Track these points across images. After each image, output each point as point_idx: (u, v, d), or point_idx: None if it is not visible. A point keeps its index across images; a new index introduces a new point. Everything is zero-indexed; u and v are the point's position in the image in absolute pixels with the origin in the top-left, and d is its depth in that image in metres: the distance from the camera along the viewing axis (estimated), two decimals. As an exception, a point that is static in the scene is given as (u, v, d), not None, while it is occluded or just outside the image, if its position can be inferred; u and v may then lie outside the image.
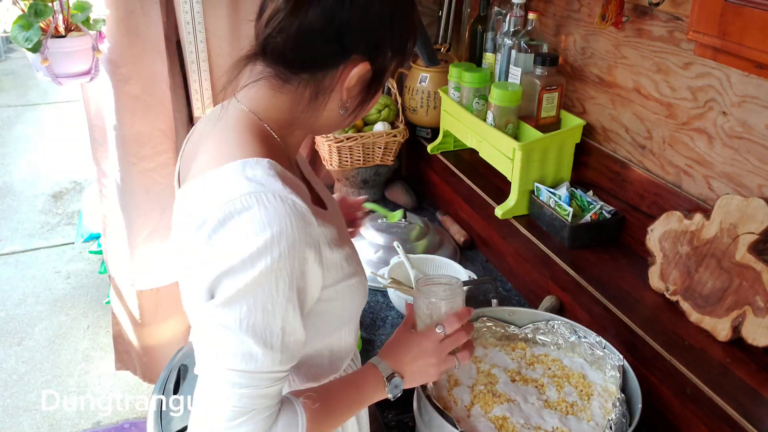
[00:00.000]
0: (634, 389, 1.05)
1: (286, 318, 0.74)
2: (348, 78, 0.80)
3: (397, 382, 0.89)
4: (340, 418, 0.88)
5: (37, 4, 1.48)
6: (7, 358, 2.70)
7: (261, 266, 0.70)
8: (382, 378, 0.89)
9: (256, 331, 0.72)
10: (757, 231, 1.03)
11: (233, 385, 0.74)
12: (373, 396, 0.90)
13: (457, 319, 0.92)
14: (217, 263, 0.72)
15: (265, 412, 0.76)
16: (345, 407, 0.87)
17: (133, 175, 1.85)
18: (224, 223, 0.71)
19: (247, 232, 0.70)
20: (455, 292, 0.95)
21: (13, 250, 3.48)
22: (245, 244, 0.70)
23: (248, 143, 0.79)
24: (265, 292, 0.72)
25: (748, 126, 1.10)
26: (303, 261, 0.74)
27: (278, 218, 0.71)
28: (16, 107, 5.42)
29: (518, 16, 1.55)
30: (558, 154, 1.48)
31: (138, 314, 2.08)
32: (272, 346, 0.74)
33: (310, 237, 0.74)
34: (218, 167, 0.76)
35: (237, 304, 0.72)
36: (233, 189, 0.72)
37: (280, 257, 0.71)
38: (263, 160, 0.76)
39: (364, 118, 1.95)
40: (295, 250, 0.72)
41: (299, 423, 0.79)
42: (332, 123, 0.87)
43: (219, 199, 0.72)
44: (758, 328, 1.03)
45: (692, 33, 0.79)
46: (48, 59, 1.54)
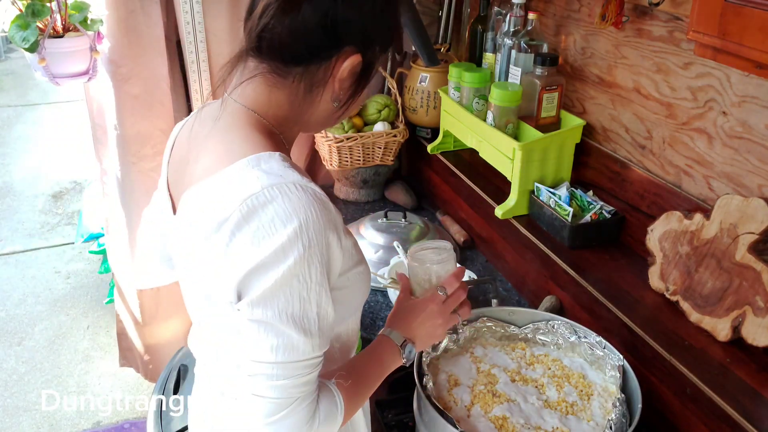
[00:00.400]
0: (634, 389, 1.05)
1: (320, 303, 0.75)
2: (340, 70, 0.81)
3: (410, 348, 0.94)
4: (368, 391, 0.91)
5: (34, 4, 1.48)
6: (7, 358, 2.70)
7: (294, 256, 0.71)
8: (396, 347, 0.93)
9: (296, 321, 0.73)
10: (757, 231, 1.03)
11: (270, 377, 0.74)
12: (392, 365, 0.93)
13: (455, 278, 0.98)
14: (245, 260, 0.72)
15: (307, 399, 0.77)
16: (372, 381, 0.90)
17: (133, 175, 1.86)
18: (248, 218, 0.71)
19: (274, 225, 0.71)
20: (448, 254, 1.00)
21: (13, 250, 3.48)
22: (274, 237, 0.71)
23: (255, 139, 0.79)
24: (300, 280, 0.73)
25: (748, 126, 1.10)
26: (328, 246, 0.75)
27: (303, 207, 0.72)
28: (16, 107, 5.42)
29: (518, 16, 1.55)
30: (558, 154, 1.48)
31: (139, 313, 2.09)
32: (311, 333, 0.75)
33: (332, 222, 0.76)
34: (230, 165, 0.76)
35: (274, 298, 0.72)
36: (252, 184, 0.72)
37: (310, 244, 0.72)
38: (275, 154, 0.77)
39: (364, 118, 1.95)
40: (322, 236, 0.74)
41: (338, 404, 0.82)
42: (326, 117, 0.88)
43: (238, 196, 0.72)
44: (758, 328, 1.03)
45: (692, 33, 0.79)
46: (45, 59, 1.54)
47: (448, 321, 0.97)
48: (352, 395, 0.85)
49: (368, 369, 0.90)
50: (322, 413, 0.79)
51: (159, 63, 1.75)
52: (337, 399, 0.82)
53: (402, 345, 0.93)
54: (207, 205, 0.76)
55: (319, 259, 0.74)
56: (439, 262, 0.99)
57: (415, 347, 0.95)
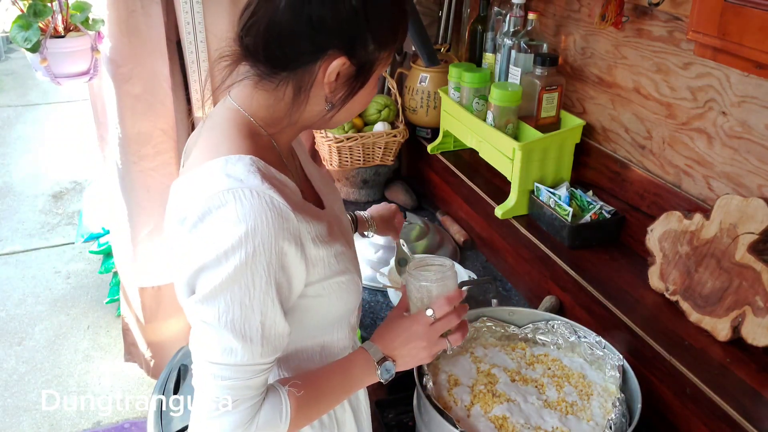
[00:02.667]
0: (633, 389, 1.05)
1: (266, 312, 0.75)
2: (327, 74, 0.79)
3: (389, 366, 0.90)
4: (327, 403, 0.89)
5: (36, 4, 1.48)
6: (7, 358, 2.70)
7: (235, 261, 0.72)
8: (372, 362, 0.89)
9: (234, 326, 0.74)
10: (756, 231, 1.03)
11: (215, 377, 0.76)
12: (363, 379, 0.90)
13: (446, 302, 0.91)
14: (195, 258, 0.74)
15: (246, 403, 0.78)
16: (332, 392, 0.88)
17: (134, 174, 1.86)
18: (203, 218, 0.73)
19: (222, 228, 0.72)
20: (446, 274, 0.94)
21: (13, 250, 3.48)
22: (220, 240, 0.72)
23: (234, 140, 0.80)
24: (242, 287, 0.73)
25: (747, 126, 1.10)
26: (281, 255, 0.75)
27: (253, 213, 0.72)
28: (16, 107, 5.42)
29: (518, 16, 1.55)
30: (558, 154, 1.48)
31: (141, 311, 2.10)
32: (251, 340, 0.75)
33: (288, 232, 0.75)
34: (203, 164, 0.77)
35: (215, 300, 0.74)
36: (213, 185, 0.74)
37: (254, 252, 0.72)
38: (246, 157, 0.77)
39: (364, 118, 1.95)
40: (272, 245, 0.73)
41: (283, 411, 0.81)
42: (322, 119, 0.86)
43: (200, 196, 0.74)
44: (758, 328, 1.03)
45: (692, 33, 0.79)
46: (47, 59, 1.55)
47: (434, 345, 0.92)
48: (306, 403, 0.83)
49: (331, 380, 0.88)
50: (261, 418, 0.79)
51: (159, 63, 1.75)
52: (283, 407, 0.81)
53: (380, 361, 0.90)
54: (179, 200, 0.79)
55: (266, 268, 0.73)
56: (435, 281, 0.93)
57: (395, 365, 0.91)
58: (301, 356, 0.93)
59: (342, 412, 1.00)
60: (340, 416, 1.00)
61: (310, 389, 0.85)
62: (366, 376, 0.90)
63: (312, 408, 0.86)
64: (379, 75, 0.86)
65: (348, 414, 1.01)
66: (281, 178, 0.80)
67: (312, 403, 0.85)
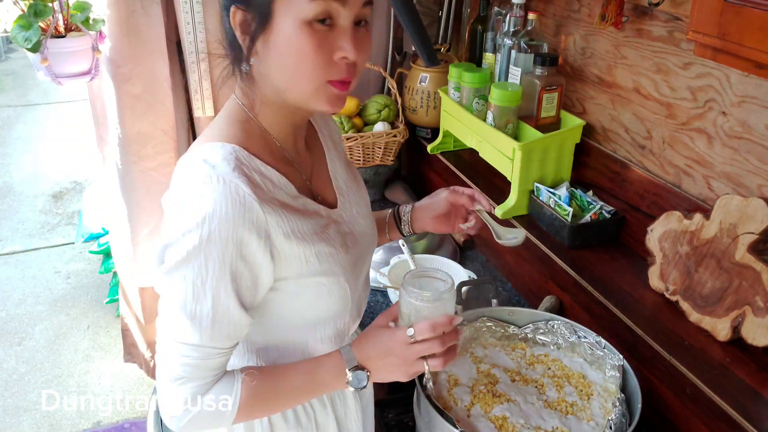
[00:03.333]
0: (634, 389, 1.05)
1: (217, 297, 0.77)
2: (235, 31, 0.79)
3: (361, 376, 0.86)
4: (285, 399, 0.88)
5: (36, 4, 1.48)
6: (7, 358, 2.70)
7: (192, 243, 0.74)
8: (344, 367, 0.86)
9: (186, 306, 0.76)
10: (756, 231, 1.03)
11: (172, 350, 0.79)
12: (330, 383, 0.88)
13: (429, 328, 0.84)
14: (164, 235, 0.78)
15: (198, 381, 0.80)
16: (291, 390, 0.87)
17: (134, 174, 1.86)
18: (176, 199, 0.77)
19: (187, 210, 0.75)
20: (442, 297, 0.88)
21: (13, 250, 3.48)
22: (183, 221, 0.75)
23: (224, 129, 0.83)
24: (195, 269, 0.75)
25: (747, 126, 1.10)
26: (240, 244, 0.76)
27: (215, 200, 0.74)
28: (16, 107, 5.42)
29: (518, 16, 1.55)
30: (558, 154, 1.48)
31: (141, 311, 2.10)
32: (200, 322, 0.77)
33: (251, 222, 0.76)
34: (191, 150, 0.82)
35: (172, 277, 0.77)
36: (191, 170, 0.77)
37: (209, 237, 0.74)
38: (228, 146, 0.79)
39: (364, 118, 1.95)
40: (229, 233, 0.75)
41: (230, 399, 0.82)
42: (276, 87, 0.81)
43: (178, 179, 0.78)
44: (758, 328, 1.03)
45: (692, 33, 0.79)
46: (48, 59, 1.55)
47: (411, 366, 0.86)
48: (256, 396, 0.83)
49: (293, 378, 0.86)
50: (205, 402, 0.81)
51: (159, 63, 1.75)
52: (232, 393, 0.82)
53: (353, 368, 0.86)
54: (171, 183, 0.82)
55: (220, 253, 0.75)
56: (427, 301, 0.86)
57: (370, 377, 0.87)
58: (281, 351, 0.93)
59: (324, 417, 0.99)
60: (321, 421, 0.99)
61: (267, 382, 0.85)
62: (334, 381, 0.87)
63: (265, 401, 0.85)
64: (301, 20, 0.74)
65: (331, 419, 1.00)
66: (265, 170, 0.81)
67: (266, 396, 0.85)
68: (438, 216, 1.08)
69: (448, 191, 1.07)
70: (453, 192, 1.06)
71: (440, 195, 1.07)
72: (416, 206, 1.11)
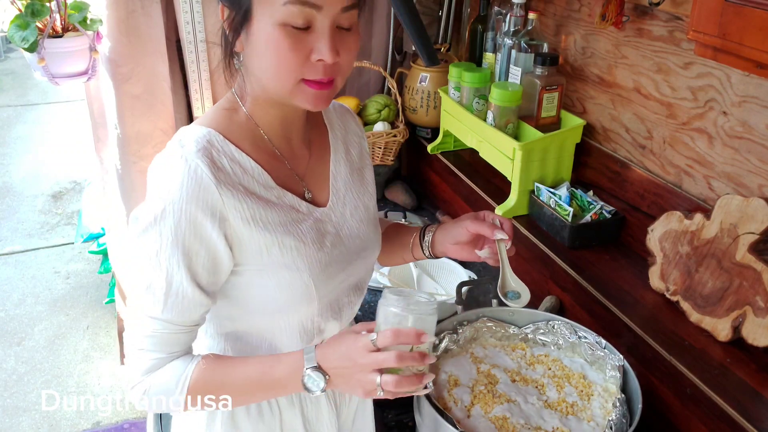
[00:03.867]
0: (634, 389, 1.04)
1: (171, 272, 0.79)
2: (225, 26, 0.82)
3: (318, 378, 0.81)
4: (236, 390, 0.85)
5: (34, 4, 1.48)
6: (7, 358, 2.70)
7: (151, 217, 0.79)
8: (301, 365, 0.81)
9: (144, 275, 0.80)
10: (757, 231, 1.03)
11: (136, 318, 0.83)
12: (285, 382, 0.83)
13: (392, 335, 0.78)
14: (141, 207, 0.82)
15: (155, 354, 0.83)
16: (242, 381, 0.85)
17: (133, 174, 1.86)
18: (149, 176, 0.82)
19: (152, 186, 0.80)
20: (420, 309, 0.81)
21: (12, 250, 3.48)
22: (148, 196, 0.80)
23: (209, 115, 0.87)
24: (151, 241, 0.79)
25: (748, 126, 1.10)
26: (195, 223, 0.79)
27: (173, 177, 0.78)
28: (16, 107, 5.42)
29: (518, 16, 1.55)
30: (558, 154, 1.48)
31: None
32: (154, 293, 0.80)
33: (205, 203, 0.79)
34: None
35: (135, 245, 0.81)
36: (166, 149, 0.82)
37: (164, 212, 0.78)
38: (205, 129, 0.83)
39: (364, 118, 1.95)
40: (182, 210, 0.78)
41: (181, 377, 0.83)
42: (262, 83, 0.84)
43: (156, 157, 0.82)
44: (758, 328, 1.03)
45: (692, 33, 0.79)
46: (45, 59, 1.54)
47: (365, 376, 0.79)
48: (205, 381, 0.84)
49: (246, 369, 0.85)
50: (160, 375, 0.83)
51: (159, 63, 1.75)
52: (183, 373, 0.83)
53: (311, 368, 0.80)
54: None
55: (173, 229, 0.78)
56: (403, 310, 0.80)
57: (329, 382, 0.81)
58: (247, 339, 0.94)
59: (291, 416, 0.99)
60: (288, 418, 0.99)
61: (222, 369, 0.85)
62: (290, 379, 0.82)
63: (215, 387, 0.85)
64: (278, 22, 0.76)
65: (298, 419, 1.00)
66: (239, 156, 0.84)
67: (216, 382, 0.85)
68: (458, 243, 1.03)
69: (471, 219, 1.00)
70: (475, 220, 0.99)
71: (463, 223, 1.00)
72: (439, 228, 1.06)
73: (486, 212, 1.02)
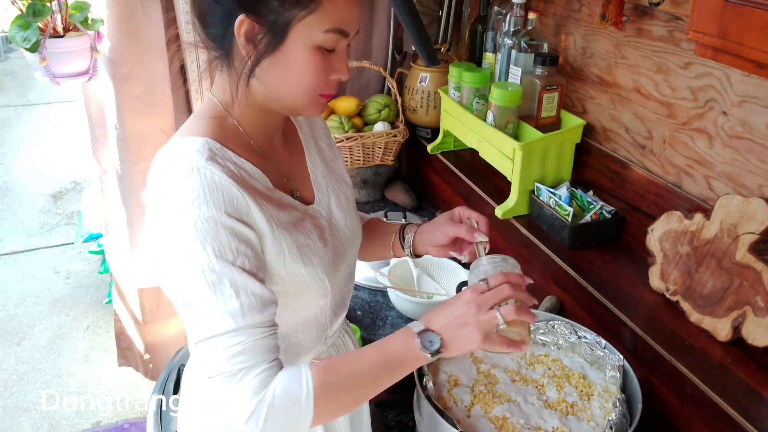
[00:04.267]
0: (634, 389, 1.05)
1: (233, 278, 0.75)
2: (240, 39, 0.80)
3: (432, 337, 0.80)
4: (361, 379, 0.80)
5: (35, 4, 1.48)
6: (7, 358, 2.70)
7: (180, 238, 0.75)
8: (412, 333, 0.81)
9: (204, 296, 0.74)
10: (757, 231, 1.03)
11: (210, 350, 0.74)
12: (403, 355, 0.81)
13: (502, 276, 0.83)
14: (152, 234, 0.78)
15: (256, 368, 0.74)
16: (364, 363, 0.81)
17: (134, 174, 1.86)
18: (156, 196, 0.78)
19: (168, 206, 0.76)
20: (508, 262, 0.88)
21: (13, 250, 3.48)
22: (168, 217, 0.76)
23: (196, 125, 0.85)
24: (194, 258, 0.74)
25: (748, 126, 1.10)
26: (232, 228, 0.76)
27: (192, 190, 0.75)
28: (16, 107, 5.42)
29: (518, 16, 1.55)
30: (558, 154, 1.48)
31: (139, 312, 2.09)
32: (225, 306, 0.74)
33: (231, 205, 0.77)
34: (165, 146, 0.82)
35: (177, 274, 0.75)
36: (167, 166, 0.78)
37: (195, 226, 0.74)
38: (201, 138, 0.81)
39: (364, 118, 1.95)
40: (215, 220, 0.75)
41: (303, 378, 0.75)
42: (268, 95, 0.85)
43: (157, 176, 0.79)
44: (758, 328, 1.03)
45: (692, 33, 0.79)
46: (46, 59, 1.54)
47: (483, 315, 0.80)
48: (329, 375, 0.77)
49: (362, 354, 0.81)
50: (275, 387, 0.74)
51: (159, 63, 1.75)
52: (302, 375, 0.75)
53: (420, 332, 0.80)
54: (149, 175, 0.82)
55: (214, 239, 0.75)
56: (494, 263, 0.87)
57: (443, 343, 0.80)
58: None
59: None
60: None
61: (337, 360, 0.81)
62: (405, 348, 0.80)
63: (341, 381, 0.78)
64: (313, 45, 0.80)
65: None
66: (239, 161, 0.83)
67: (339, 375, 0.78)
68: (438, 246, 1.04)
69: (448, 223, 1.01)
70: (453, 224, 1.01)
71: (442, 227, 1.01)
72: (419, 231, 1.07)
73: (461, 209, 1.02)
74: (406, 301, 1.45)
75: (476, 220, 1.00)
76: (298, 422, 0.75)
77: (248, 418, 0.72)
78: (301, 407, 0.74)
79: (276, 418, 0.73)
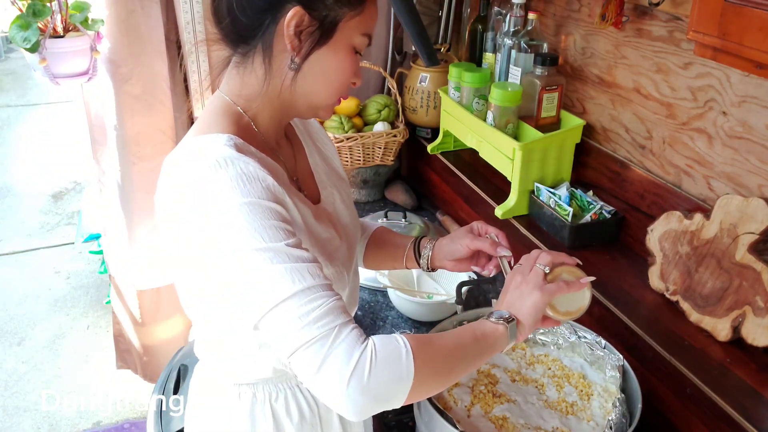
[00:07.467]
0: (634, 389, 1.05)
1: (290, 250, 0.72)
2: (286, 27, 0.79)
3: (501, 312, 0.85)
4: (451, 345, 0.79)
5: (35, 4, 1.48)
6: (7, 358, 2.70)
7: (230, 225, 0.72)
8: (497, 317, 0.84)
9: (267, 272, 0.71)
10: (757, 231, 1.03)
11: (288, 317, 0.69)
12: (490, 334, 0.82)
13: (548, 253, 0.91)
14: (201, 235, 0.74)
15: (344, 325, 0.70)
16: (451, 336, 0.80)
17: (133, 175, 1.86)
18: (184, 196, 0.75)
19: (204, 201, 0.73)
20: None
21: (13, 250, 3.48)
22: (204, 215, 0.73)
23: (213, 122, 0.83)
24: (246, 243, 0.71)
25: (748, 126, 1.10)
26: (269, 208, 0.74)
27: (229, 179, 0.73)
28: (16, 107, 5.42)
29: (518, 16, 1.55)
30: (558, 154, 1.48)
31: (138, 313, 2.08)
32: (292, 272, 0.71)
33: (268, 191, 0.75)
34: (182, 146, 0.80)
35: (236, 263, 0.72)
36: (194, 163, 0.75)
37: (241, 210, 0.72)
38: (224, 135, 0.78)
39: (364, 118, 1.95)
40: (254, 201, 0.73)
41: (399, 340, 0.72)
42: (296, 94, 0.84)
43: (180, 175, 0.76)
44: (758, 328, 1.03)
45: (692, 33, 0.79)
46: (46, 59, 1.55)
47: (529, 275, 0.88)
48: (422, 338, 0.75)
49: (453, 332, 0.81)
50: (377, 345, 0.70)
51: (159, 63, 1.75)
52: (397, 337, 0.72)
53: (489, 314, 0.84)
54: (165, 178, 0.80)
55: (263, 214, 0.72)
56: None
57: (519, 324, 0.84)
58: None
59: (327, 412, 1.00)
60: (324, 415, 0.99)
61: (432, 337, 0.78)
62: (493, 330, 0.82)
63: (434, 346, 0.76)
64: (351, 46, 0.83)
65: (334, 414, 1.00)
66: (262, 156, 0.82)
67: (431, 340, 0.76)
68: (456, 259, 1.04)
69: (469, 237, 1.01)
70: (474, 237, 1.01)
71: (462, 241, 1.02)
72: (437, 245, 1.07)
73: (479, 224, 1.04)
74: (406, 301, 1.45)
75: (496, 234, 1.01)
76: (401, 379, 0.70)
77: (350, 375, 0.68)
78: (403, 362, 0.71)
79: (379, 374, 0.69)
